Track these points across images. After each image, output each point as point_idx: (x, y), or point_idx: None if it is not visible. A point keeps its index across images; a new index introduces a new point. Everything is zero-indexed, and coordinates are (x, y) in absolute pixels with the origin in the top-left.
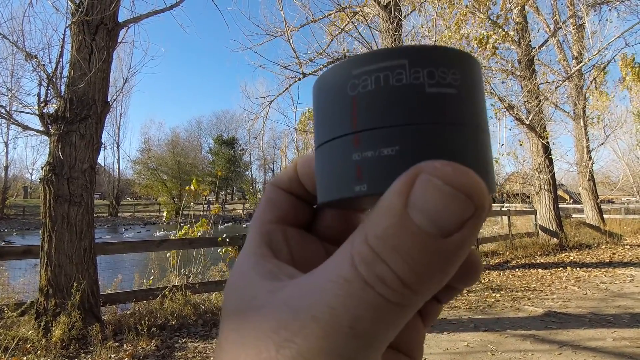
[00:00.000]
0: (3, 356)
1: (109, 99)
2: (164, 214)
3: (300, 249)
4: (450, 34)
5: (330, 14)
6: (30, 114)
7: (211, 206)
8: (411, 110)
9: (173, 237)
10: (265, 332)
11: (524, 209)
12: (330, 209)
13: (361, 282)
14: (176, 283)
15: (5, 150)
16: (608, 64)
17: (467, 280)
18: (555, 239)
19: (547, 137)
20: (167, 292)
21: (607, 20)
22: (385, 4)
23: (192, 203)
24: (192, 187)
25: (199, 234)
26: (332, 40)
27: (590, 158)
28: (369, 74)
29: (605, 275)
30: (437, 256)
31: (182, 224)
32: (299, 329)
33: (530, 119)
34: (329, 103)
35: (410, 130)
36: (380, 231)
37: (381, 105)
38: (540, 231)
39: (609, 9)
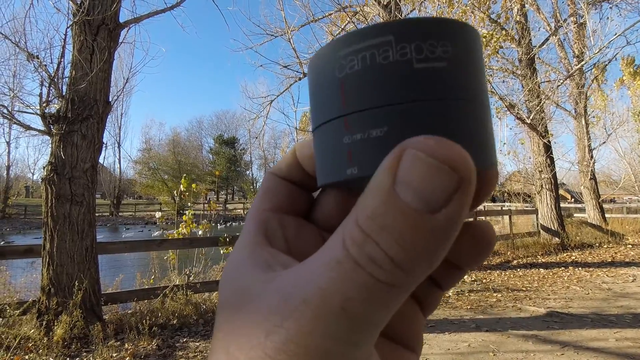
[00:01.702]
0: (5, 355)
1: (110, 99)
2: (157, 214)
3: (297, 237)
4: None
5: (331, 14)
6: (32, 114)
7: (210, 204)
8: (399, 88)
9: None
10: (256, 320)
11: (525, 208)
12: (329, 196)
13: (352, 262)
14: (177, 282)
15: (7, 150)
16: (609, 62)
17: (474, 257)
18: (556, 239)
19: (548, 136)
20: (168, 292)
21: (608, 18)
22: (385, 3)
23: (189, 203)
24: (182, 188)
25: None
26: (332, 40)
27: (591, 157)
28: (355, 54)
29: (607, 275)
30: (426, 233)
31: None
32: (290, 313)
33: (531, 118)
34: (319, 86)
35: (398, 109)
36: (370, 211)
37: (368, 86)
38: (541, 231)
39: (610, 7)
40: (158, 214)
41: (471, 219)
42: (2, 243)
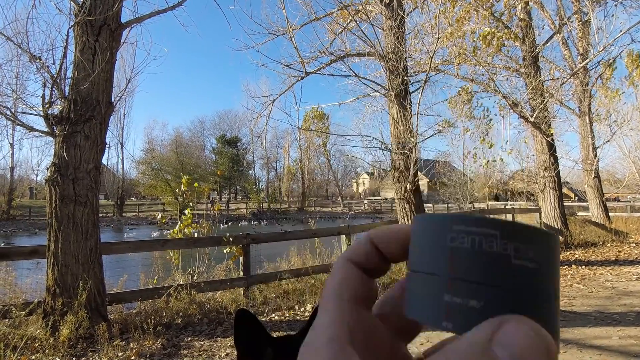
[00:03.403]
0: (12, 355)
1: (112, 100)
2: (158, 216)
3: (370, 333)
4: (452, 30)
5: (333, 12)
6: (35, 115)
7: (213, 205)
8: (498, 275)
9: (172, 236)
10: None
11: (529, 207)
12: (395, 293)
13: None
14: (181, 282)
15: (10, 152)
16: (614, 60)
17: None
18: (560, 237)
19: (552, 135)
20: (172, 291)
21: (612, 15)
22: (387, 1)
23: (191, 203)
24: (183, 187)
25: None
26: (334, 38)
27: (595, 155)
28: (466, 234)
29: (611, 274)
30: None
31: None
32: None
33: (534, 116)
34: (430, 242)
35: (497, 291)
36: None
37: (474, 263)
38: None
39: (615, 4)
40: (160, 216)
41: None
42: (2, 244)
